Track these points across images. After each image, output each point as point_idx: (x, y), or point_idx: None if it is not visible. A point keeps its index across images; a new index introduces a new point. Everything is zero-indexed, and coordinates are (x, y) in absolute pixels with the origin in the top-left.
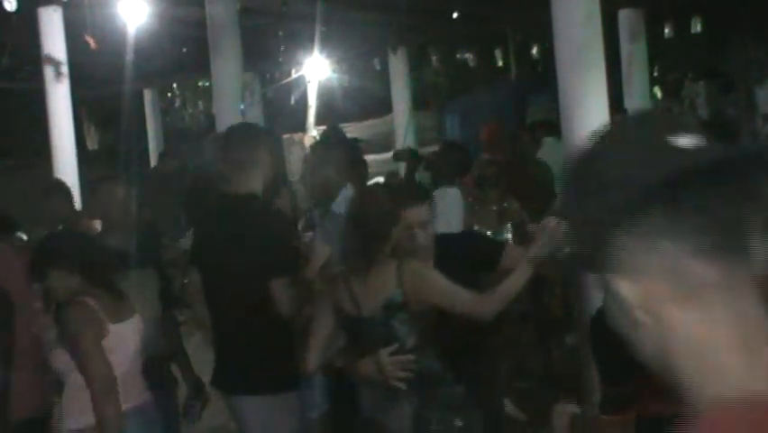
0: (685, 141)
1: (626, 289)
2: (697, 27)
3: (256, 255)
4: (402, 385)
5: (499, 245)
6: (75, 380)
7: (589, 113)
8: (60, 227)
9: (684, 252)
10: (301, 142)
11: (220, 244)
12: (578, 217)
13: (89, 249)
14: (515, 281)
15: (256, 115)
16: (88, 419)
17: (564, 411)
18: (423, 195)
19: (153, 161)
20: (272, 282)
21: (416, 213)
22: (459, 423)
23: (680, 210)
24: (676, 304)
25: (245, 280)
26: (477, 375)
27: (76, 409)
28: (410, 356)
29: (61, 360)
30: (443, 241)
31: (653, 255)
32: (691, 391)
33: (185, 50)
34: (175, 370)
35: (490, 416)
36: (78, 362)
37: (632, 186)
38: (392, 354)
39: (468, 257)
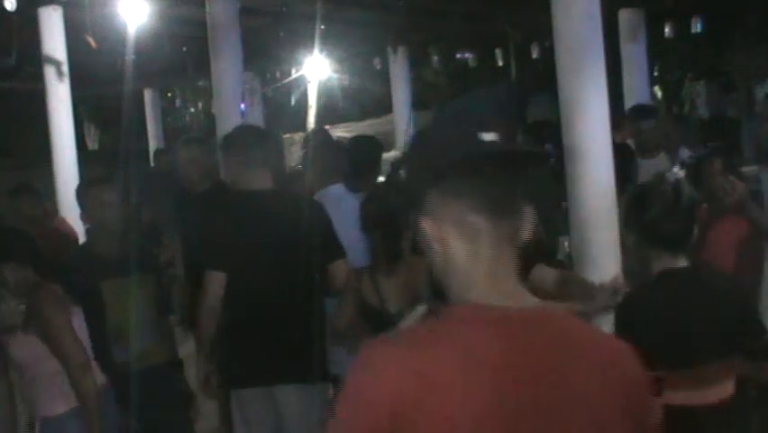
0: (486, 135)
1: (429, 226)
2: (697, 27)
3: (315, 242)
4: None
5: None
6: (45, 369)
7: (588, 112)
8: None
9: (465, 207)
10: (301, 142)
11: (266, 239)
12: (410, 177)
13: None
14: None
15: (256, 115)
16: (63, 404)
17: None
18: None
19: (152, 161)
20: (335, 264)
21: None
22: None
23: (465, 180)
24: (457, 240)
25: (302, 268)
26: None
27: (48, 398)
28: None
29: (26, 350)
30: None
31: (446, 207)
32: (455, 296)
33: (185, 49)
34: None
35: None
36: (53, 344)
37: (441, 161)
38: None
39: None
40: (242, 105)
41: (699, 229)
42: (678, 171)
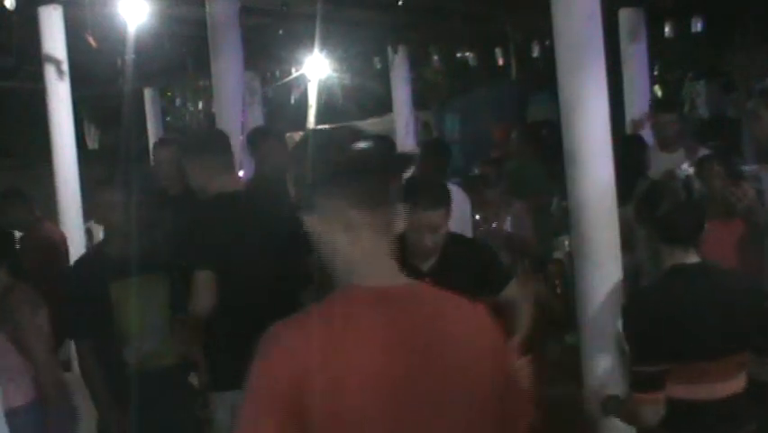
0: (360, 144)
1: (315, 223)
2: (697, 26)
3: (296, 240)
4: None
5: (508, 274)
6: (11, 364)
7: (589, 112)
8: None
9: (346, 204)
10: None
11: (251, 238)
12: (299, 180)
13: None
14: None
15: (256, 115)
16: (28, 395)
17: (595, 391)
18: (443, 199)
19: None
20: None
21: (428, 217)
22: None
23: (345, 182)
24: (340, 232)
25: (287, 265)
26: None
27: (12, 389)
28: None
29: None
30: (458, 243)
31: (330, 205)
32: (341, 280)
33: (185, 49)
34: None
35: None
36: (22, 341)
37: (324, 166)
38: None
39: (475, 270)
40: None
41: None
42: (688, 168)
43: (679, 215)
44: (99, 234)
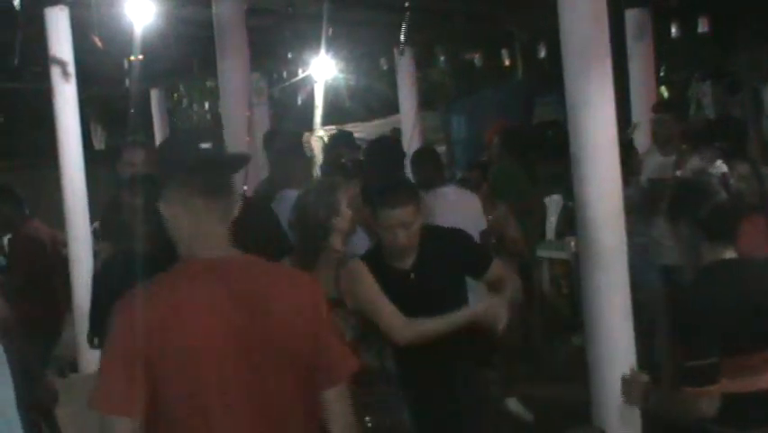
0: (203, 144)
1: (166, 209)
2: (704, 27)
3: (267, 242)
4: None
5: (489, 255)
6: None
7: (595, 112)
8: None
9: (188, 194)
10: (308, 142)
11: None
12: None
13: None
14: (441, 323)
15: (263, 116)
16: None
17: (636, 379)
18: (409, 196)
19: None
20: (283, 261)
21: (397, 215)
22: (369, 423)
23: (186, 177)
24: (184, 216)
25: None
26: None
27: None
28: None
29: None
30: (434, 236)
31: (177, 194)
32: (185, 255)
33: (192, 50)
34: None
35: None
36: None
37: (173, 164)
38: None
39: (456, 258)
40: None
41: None
42: (721, 165)
43: (721, 212)
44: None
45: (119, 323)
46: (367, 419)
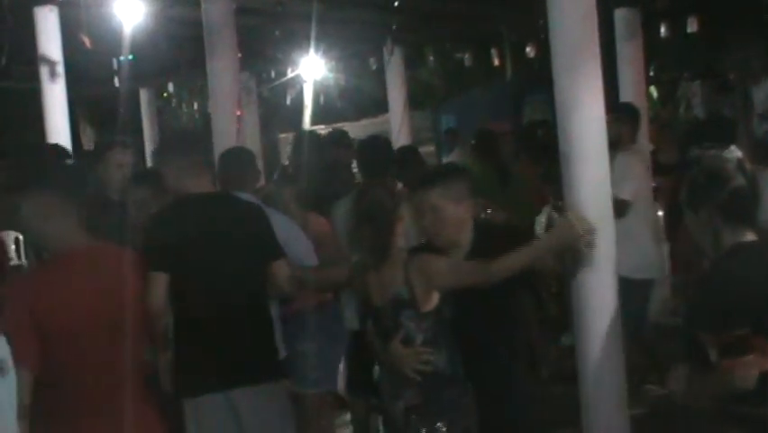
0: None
1: (32, 210)
2: (693, 27)
3: (256, 243)
4: (416, 376)
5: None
6: None
7: (584, 112)
8: None
9: (50, 195)
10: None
11: (214, 240)
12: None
13: None
14: (521, 255)
15: (252, 115)
16: None
17: (680, 374)
18: (441, 177)
19: (149, 161)
20: (276, 264)
21: (421, 195)
22: (442, 428)
23: (47, 185)
24: (50, 213)
25: (250, 269)
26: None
27: None
28: (423, 349)
29: None
30: (487, 231)
31: (43, 197)
32: (53, 246)
33: (181, 49)
34: None
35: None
36: None
37: (38, 171)
38: (404, 345)
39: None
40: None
41: None
42: (735, 150)
43: (740, 196)
44: None
45: (13, 294)
46: (439, 424)
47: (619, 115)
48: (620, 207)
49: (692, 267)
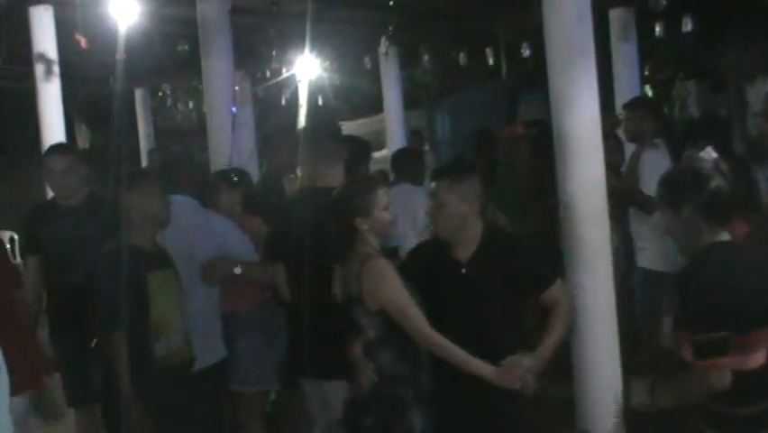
0: None
1: None
2: (688, 26)
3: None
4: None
5: (554, 272)
6: None
7: (580, 112)
8: None
9: None
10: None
11: (307, 235)
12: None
13: None
14: (468, 364)
15: (247, 115)
16: None
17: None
18: (449, 172)
19: (144, 161)
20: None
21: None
22: (365, 423)
23: None
24: None
25: (328, 265)
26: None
27: None
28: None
29: None
30: (505, 237)
31: None
32: None
33: (176, 49)
34: None
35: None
36: None
37: None
38: (363, 343)
39: (520, 266)
40: (234, 109)
41: None
42: (710, 151)
43: (719, 196)
44: None
45: None
46: (369, 421)
47: (640, 112)
48: (650, 205)
49: None
